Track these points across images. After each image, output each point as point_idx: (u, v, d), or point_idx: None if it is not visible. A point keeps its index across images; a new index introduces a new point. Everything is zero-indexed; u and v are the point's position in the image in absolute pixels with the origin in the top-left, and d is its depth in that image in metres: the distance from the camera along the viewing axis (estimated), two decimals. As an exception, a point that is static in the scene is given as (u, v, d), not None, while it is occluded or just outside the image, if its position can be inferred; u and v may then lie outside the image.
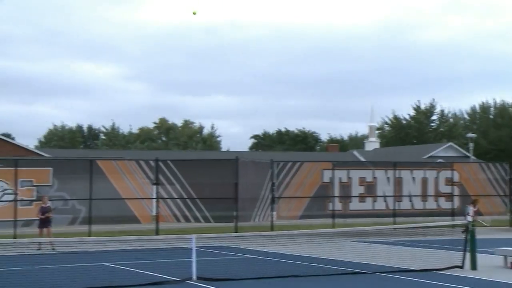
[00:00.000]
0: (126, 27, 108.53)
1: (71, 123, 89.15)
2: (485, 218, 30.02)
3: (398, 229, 26.52)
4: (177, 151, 70.41)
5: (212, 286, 12.80)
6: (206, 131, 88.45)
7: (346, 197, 30.48)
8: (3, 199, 25.19)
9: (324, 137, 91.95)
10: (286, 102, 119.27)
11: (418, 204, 31.34)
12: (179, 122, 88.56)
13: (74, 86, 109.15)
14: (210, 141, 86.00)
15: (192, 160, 34.06)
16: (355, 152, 65.52)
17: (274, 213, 28.96)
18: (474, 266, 15.07)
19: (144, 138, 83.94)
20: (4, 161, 28.04)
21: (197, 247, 14.20)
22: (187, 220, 27.52)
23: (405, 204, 31.07)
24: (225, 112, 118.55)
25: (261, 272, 14.85)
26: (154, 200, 27.13)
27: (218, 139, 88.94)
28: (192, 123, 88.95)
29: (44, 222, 22.03)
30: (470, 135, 51.60)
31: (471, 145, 50.13)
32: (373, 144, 70.57)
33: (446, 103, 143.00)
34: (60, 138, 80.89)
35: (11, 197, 25.21)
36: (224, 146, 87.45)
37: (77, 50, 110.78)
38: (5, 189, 25.32)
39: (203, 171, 28.68)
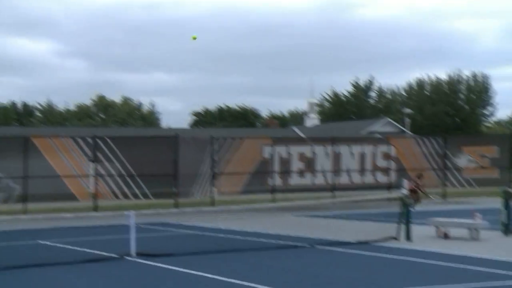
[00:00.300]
0: (62, 2, 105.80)
1: (5, 100, 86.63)
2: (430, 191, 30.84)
3: (337, 203, 26.95)
4: (116, 127, 69.44)
5: (152, 262, 12.75)
6: (145, 108, 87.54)
7: (286, 172, 30.76)
8: None
9: (264, 113, 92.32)
10: (226, 79, 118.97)
11: (356, 178, 31.88)
12: (117, 99, 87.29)
13: (7, 62, 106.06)
14: (150, 118, 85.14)
15: (131, 137, 33.61)
16: (295, 128, 66.04)
17: (215, 188, 29.00)
18: (408, 237, 15.48)
19: (81, 115, 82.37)
20: None
21: (136, 223, 14.10)
22: (126, 197, 27.26)
23: (343, 179, 31.57)
24: (164, 89, 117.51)
25: (202, 247, 14.89)
26: (92, 177, 26.75)
27: (158, 116, 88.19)
28: (131, 100, 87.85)
29: None
30: (407, 110, 52.69)
31: (407, 120, 51.20)
32: (312, 120, 71.27)
33: (383, 80, 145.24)
34: (-6, 115, 78.66)
35: None
36: (164, 123, 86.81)
37: (10, 24, 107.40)
38: None
39: (142, 148, 28.38)
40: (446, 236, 15.99)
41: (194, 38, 18.78)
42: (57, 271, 11.98)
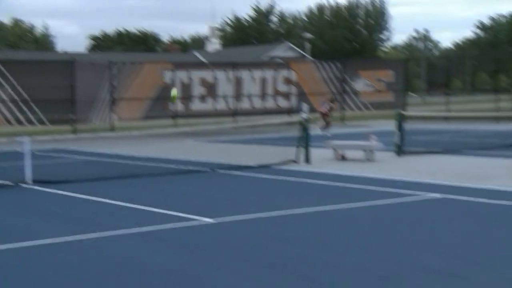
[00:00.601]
0: None
1: None
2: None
3: (238, 128, 27.14)
4: (7, 51, 66.19)
5: (49, 189, 12.45)
6: (38, 30, 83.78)
7: (187, 97, 30.54)
8: None
9: (165, 38, 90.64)
10: (125, 2, 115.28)
11: (257, 103, 32.13)
12: (7, 21, 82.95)
13: None
14: (43, 42, 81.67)
15: (23, 61, 32.18)
16: (196, 53, 65.33)
17: (114, 114, 28.46)
18: (308, 160, 15.84)
19: (-31, 38, 77.90)
20: None
21: (32, 150, 13.65)
22: (20, 123, 26.31)
23: (245, 104, 31.75)
24: (59, 10, 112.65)
25: (101, 173, 14.66)
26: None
27: (52, 39, 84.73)
28: (22, 22, 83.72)
29: None
30: (307, 35, 53.15)
31: (307, 45, 51.69)
32: (214, 45, 70.67)
33: (284, 5, 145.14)
34: None
35: None
36: (59, 47, 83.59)
37: None
38: None
39: (36, 73, 27.26)
40: (343, 158, 16.48)
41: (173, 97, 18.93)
42: None
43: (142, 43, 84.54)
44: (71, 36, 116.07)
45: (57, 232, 8.58)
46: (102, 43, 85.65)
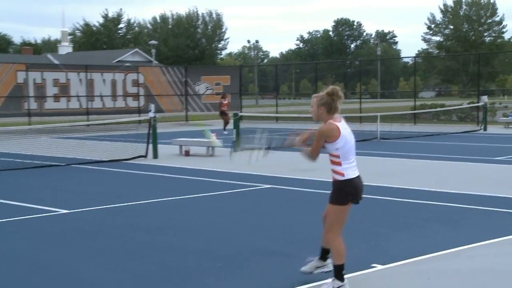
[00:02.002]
0: None
1: None
2: (165, 115, 31.35)
3: (91, 126, 26.31)
4: None
5: None
6: None
7: (41, 97, 29.18)
8: None
9: (17, 40, 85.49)
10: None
11: (109, 103, 31.41)
12: None
13: None
14: None
15: None
16: (49, 55, 62.36)
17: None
18: (155, 155, 15.77)
19: None
20: None
21: None
22: None
23: (97, 104, 30.92)
24: None
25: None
26: None
27: None
28: None
29: None
30: (153, 42, 52.58)
31: (153, 51, 51.19)
32: (66, 48, 67.87)
33: (132, 13, 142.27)
34: None
35: None
36: None
37: None
38: None
39: None
40: (187, 154, 16.59)
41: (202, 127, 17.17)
42: None
43: (-5, 44, 79.11)
44: None
45: None
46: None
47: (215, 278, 5.67)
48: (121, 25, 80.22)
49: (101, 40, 76.72)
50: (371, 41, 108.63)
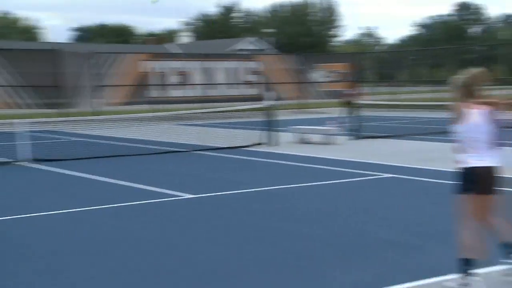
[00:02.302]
0: None
1: None
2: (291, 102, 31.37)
3: (210, 113, 27.03)
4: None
5: (43, 166, 12.27)
6: (25, 22, 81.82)
7: (163, 85, 30.36)
8: None
9: (141, 31, 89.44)
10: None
11: (226, 91, 32.05)
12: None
13: None
14: (30, 33, 79.82)
15: (15, 50, 31.36)
16: (171, 45, 64.64)
17: (98, 100, 28.09)
18: (275, 142, 15.87)
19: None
20: None
21: (26, 131, 13.39)
22: (16, 107, 25.78)
23: (214, 91, 31.65)
24: (44, 4, 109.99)
25: (89, 152, 14.47)
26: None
27: (39, 30, 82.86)
28: (9, 13, 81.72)
29: None
30: (269, 30, 53.08)
31: (270, 39, 51.63)
32: (186, 38, 70.03)
33: (249, 2, 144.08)
34: None
35: None
36: (45, 38, 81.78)
37: None
38: None
39: (26, 60, 26.69)
40: (307, 142, 16.54)
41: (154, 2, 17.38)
42: None
43: (120, 35, 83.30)
44: (55, 27, 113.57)
45: (47, 205, 8.46)
46: (84, 35, 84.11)
47: (340, 269, 5.57)
48: (239, 14, 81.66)
49: (219, 29, 78.53)
50: (495, 25, 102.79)
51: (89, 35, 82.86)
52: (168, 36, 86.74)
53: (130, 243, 6.52)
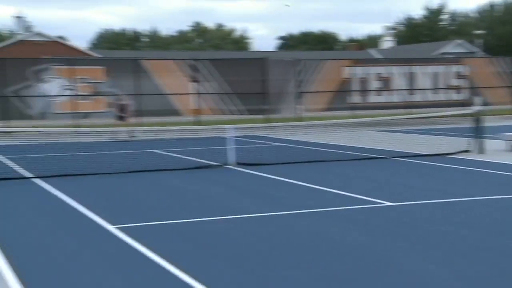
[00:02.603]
0: None
1: (117, 27, 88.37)
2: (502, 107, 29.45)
3: (412, 119, 26.31)
4: (212, 51, 69.76)
5: (249, 170, 12.95)
6: (237, 33, 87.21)
7: (364, 91, 30.32)
8: (64, 93, 25.75)
9: (344, 37, 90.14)
10: (307, 5, 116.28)
11: (430, 96, 31.00)
12: (212, 25, 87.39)
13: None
14: (241, 43, 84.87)
15: (226, 59, 33.64)
16: (372, 51, 64.19)
17: (300, 106, 28.94)
18: (481, 150, 14.96)
19: (182, 40, 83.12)
20: (62, 60, 28.13)
21: (233, 136, 14.26)
22: (223, 113, 27.68)
23: (418, 97, 30.79)
24: (252, 15, 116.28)
25: (291, 157, 14.96)
26: (193, 96, 27.25)
27: (248, 40, 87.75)
28: (224, 26, 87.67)
29: (121, 117, 23.01)
30: (478, 32, 50.05)
31: (479, 41, 48.68)
32: (388, 43, 68.99)
33: (455, 3, 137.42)
34: (109, 40, 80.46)
35: (70, 92, 25.69)
36: (253, 47, 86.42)
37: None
38: (66, 85, 25.78)
39: (236, 69, 28.53)
40: (516, 150, 15.34)
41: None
42: (169, 175, 12.36)
43: (323, 42, 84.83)
44: (262, 37, 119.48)
45: (257, 208, 8.90)
46: (289, 43, 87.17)
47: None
48: (444, 16, 78.33)
49: (422, 33, 76.08)
50: None
51: (293, 43, 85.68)
52: (369, 42, 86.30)
53: (330, 248, 6.61)
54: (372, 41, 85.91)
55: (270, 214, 8.42)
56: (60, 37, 53.96)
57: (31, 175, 12.21)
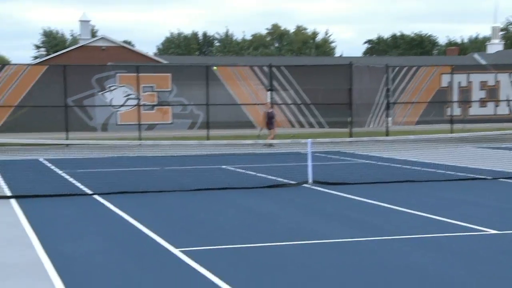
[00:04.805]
0: None
1: (187, 31, 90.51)
2: None
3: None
4: (291, 57, 70.18)
5: (328, 190, 12.91)
6: (319, 36, 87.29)
7: (465, 101, 29.52)
8: (127, 103, 26.38)
9: (442, 40, 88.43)
10: (400, 5, 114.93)
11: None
12: (291, 28, 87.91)
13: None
14: (324, 47, 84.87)
15: (306, 66, 33.78)
16: (476, 55, 62.60)
17: (389, 118, 28.57)
18: None
19: (257, 44, 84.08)
20: (126, 67, 29.10)
21: (311, 151, 14.28)
22: (301, 125, 27.73)
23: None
24: (337, 17, 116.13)
25: (376, 177, 14.80)
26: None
27: (332, 44, 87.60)
28: (305, 29, 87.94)
29: (268, 125, 24.29)
30: None
31: None
32: (496, 46, 67.02)
33: None
34: (177, 45, 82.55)
35: (135, 102, 26.36)
36: (338, 52, 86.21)
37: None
38: (129, 94, 26.44)
39: (317, 76, 28.54)
40: None
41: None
42: (238, 194, 12.52)
43: (417, 46, 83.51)
44: (348, 41, 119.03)
45: (336, 232, 8.87)
46: (378, 47, 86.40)
47: None
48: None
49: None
50: None
51: (383, 47, 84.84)
52: (473, 45, 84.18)
53: (421, 284, 6.50)
54: (476, 44, 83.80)
55: (350, 240, 8.37)
56: (126, 42, 55.92)
57: (90, 192, 12.68)
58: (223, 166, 17.37)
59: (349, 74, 27.59)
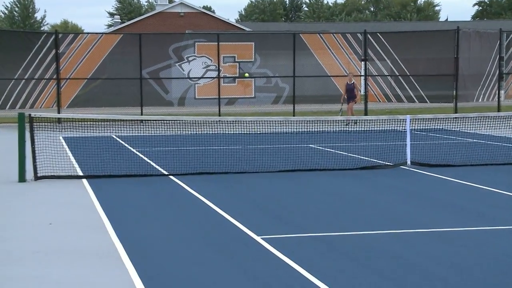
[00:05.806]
0: None
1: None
2: None
3: None
4: (388, 22, 68.96)
5: (429, 172, 12.73)
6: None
7: None
8: (207, 75, 26.53)
9: None
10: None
11: None
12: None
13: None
14: (427, 10, 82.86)
15: (405, 32, 33.05)
16: None
17: (502, 92, 27.69)
18: None
19: (350, 9, 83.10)
20: (205, 35, 29.35)
21: (411, 129, 14.05)
22: (399, 100, 27.24)
23: None
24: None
25: (485, 158, 14.42)
26: (362, 78, 27.06)
27: (436, 8, 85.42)
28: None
29: (348, 98, 24.16)
30: None
31: None
32: None
33: None
34: (261, 11, 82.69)
35: (214, 74, 26.48)
36: (442, 16, 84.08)
37: None
38: (208, 65, 26.61)
39: (418, 44, 27.87)
40: None
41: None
42: (327, 177, 12.49)
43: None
44: (455, 3, 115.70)
45: (438, 220, 8.72)
46: (490, 9, 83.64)
47: None
48: None
49: None
50: None
51: (496, 9, 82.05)
52: None
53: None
54: None
55: (454, 230, 8.22)
56: (206, 7, 56.49)
57: (166, 172, 12.94)
58: (311, 145, 17.34)
59: (455, 41, 26.82)
